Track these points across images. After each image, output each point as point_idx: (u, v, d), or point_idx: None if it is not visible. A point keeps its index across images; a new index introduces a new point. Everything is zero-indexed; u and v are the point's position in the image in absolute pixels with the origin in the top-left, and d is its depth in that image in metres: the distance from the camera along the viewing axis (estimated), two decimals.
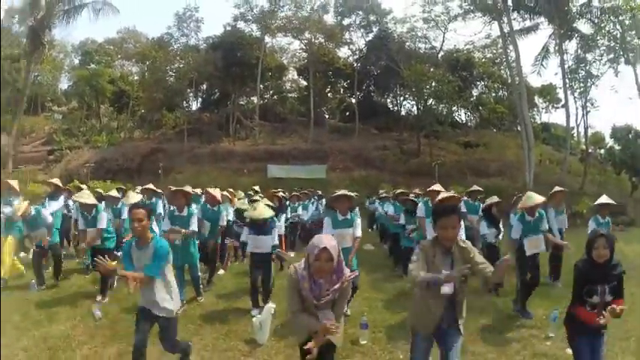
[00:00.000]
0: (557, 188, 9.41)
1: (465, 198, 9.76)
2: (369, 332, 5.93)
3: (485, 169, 31.42)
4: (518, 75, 29.28)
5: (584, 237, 4.16)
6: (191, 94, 43.34)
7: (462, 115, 46.48)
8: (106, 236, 8.12)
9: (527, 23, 30.87)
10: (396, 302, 7.79)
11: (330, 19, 41.03)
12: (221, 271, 10.00)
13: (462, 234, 5.15)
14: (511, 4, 29.48)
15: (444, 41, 38.24)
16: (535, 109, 44.77)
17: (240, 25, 40.66)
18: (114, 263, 4.58)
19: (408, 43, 38.16)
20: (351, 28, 40.65)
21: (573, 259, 4.43)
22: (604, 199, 8.43)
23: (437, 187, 8.37)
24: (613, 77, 43.17)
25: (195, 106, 45.56)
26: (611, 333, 5.05)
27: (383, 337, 6.03)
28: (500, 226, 8.63)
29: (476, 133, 41.95)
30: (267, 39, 41.29)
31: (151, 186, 10.77)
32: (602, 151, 43.64)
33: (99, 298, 7.68)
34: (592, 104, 33.88)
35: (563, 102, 40.27)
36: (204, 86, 44.27)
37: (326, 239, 3.37)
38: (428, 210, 7.91)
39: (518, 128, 44.95)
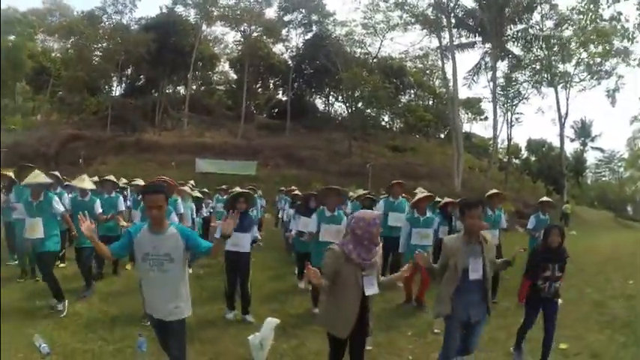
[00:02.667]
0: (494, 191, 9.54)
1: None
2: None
3: (414, 173, 31.94)
4: (453, 87, 30.96)
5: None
6: (115, 78, 41.05)
7: (388, 120, 47.45)
8: (49, 234, 6.41)
9: (464, 40, 33.24)
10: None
11: (271, 13, 40.63)
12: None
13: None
14: (453, 21, 31.14)
15: (380, 48, 38.77)
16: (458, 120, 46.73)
17: (179, 9, 39.09)
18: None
19: (344, 46, 38.29)
20: (291, 25, 40.38)
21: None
22: (545, 198, 9.44)
23: (397, 181, 9.08)
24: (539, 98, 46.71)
25: (118, 91, 43.08)
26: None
27: (383, 342, 5.71)
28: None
29: (402, 138, 43.11)
30: (204, 27, 40.05)
31: (111, 177, 9.55)
32: (518, 161, 46.26)
33: (60, 306, 6.31)
34: (517, 119, 36.13)
35: (485, 114, 42.82)
36: (129, 70, 41.84)
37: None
38: (387, 206, 8.59)
39: (442, 135, 47.57)
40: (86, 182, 7.94)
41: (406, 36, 77.85)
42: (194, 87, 44.17)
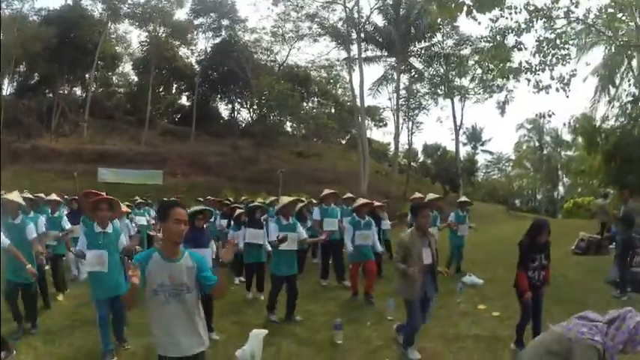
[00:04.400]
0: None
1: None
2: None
3: (321, 178, 32.72)
4: (360, 97, 33.00)
5: None
6: (6, 75, 37.05)
7: (293, 127, 47.84)
8: None
9: (369, 54, 35.39)
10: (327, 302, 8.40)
11: (180, 14, 40.15)
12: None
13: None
14: (362, 36, 33.13)
15: (288, 56, 39.42)
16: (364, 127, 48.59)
17: (86, 1, 36.99)
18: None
19: (253, 53, 38.50)
20: (200, 29, 39.79)
21: None
22: (464, 198, 11.12)
23: (328, 191, 10.39)
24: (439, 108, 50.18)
25: (7, 90, 38.83)
26: None
27: (350, 334, 6.41)
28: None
29: (304, 144, 44.15)
30: (109, 24, 38.31)
31: (54, 196, 8.92)
32: (415, 164, 48.94)
33: None
34: (417, 127, 38.72)
35: (385, 122, 45.21)
36: (22, 67, 38.21)
37: None
38: (322, 212, 9.85)
39: (342, 141, 49.34)
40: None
41: (313, 46, 78.75)
42: (92, 88, 42.06)
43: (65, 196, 11.34)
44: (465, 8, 7.60)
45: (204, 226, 6.55)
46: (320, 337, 6.40)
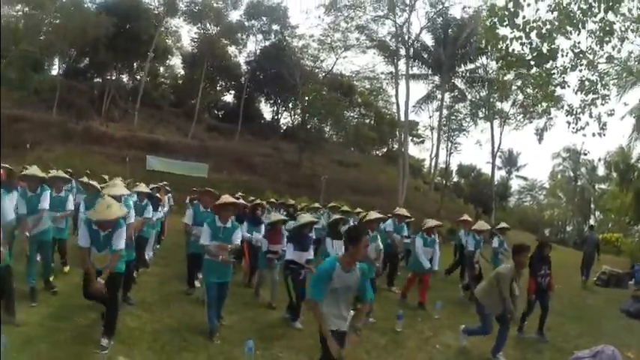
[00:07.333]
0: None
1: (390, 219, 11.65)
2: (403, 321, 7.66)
3: (362, 189, 33.07)
4: (405, 114, 33.15)
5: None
6: (58, 58, 37.73)
7: (334, 135, 48.21)
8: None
9: (415, 70, 35.71)
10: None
11: (233, 15, 40.71)
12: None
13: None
14: (412, 54, 33.65)
15: (334, 65, 39.52)
16: (395, 140, 48.89)
17: None
18: None
19: (300, 58, 38.71)
20: (251, 31, 40.49)
21: None
22: (503, 224, 11.62)
23: (403, 211, 11.47)
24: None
25: (58, 72, 38.57)
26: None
27: (406, 326, 7.76)
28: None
29: (343, 153, 44.46)
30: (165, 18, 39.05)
31: (143, 187, 8.79)
32: (449, 184, 49.14)
33: (104, 341, 5.29)
34: (456, 148, 39.86)
35: (422, 138, 45.54)
36: (73, 51, 38.20)
37: None
38: (395, 227, 11.04)
39: (378, 153, 49.73)
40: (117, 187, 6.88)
41: (359, 57, 78.77)
42: (138, 77, 42.28)
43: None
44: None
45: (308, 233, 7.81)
46: (382, 325, 7.73)
